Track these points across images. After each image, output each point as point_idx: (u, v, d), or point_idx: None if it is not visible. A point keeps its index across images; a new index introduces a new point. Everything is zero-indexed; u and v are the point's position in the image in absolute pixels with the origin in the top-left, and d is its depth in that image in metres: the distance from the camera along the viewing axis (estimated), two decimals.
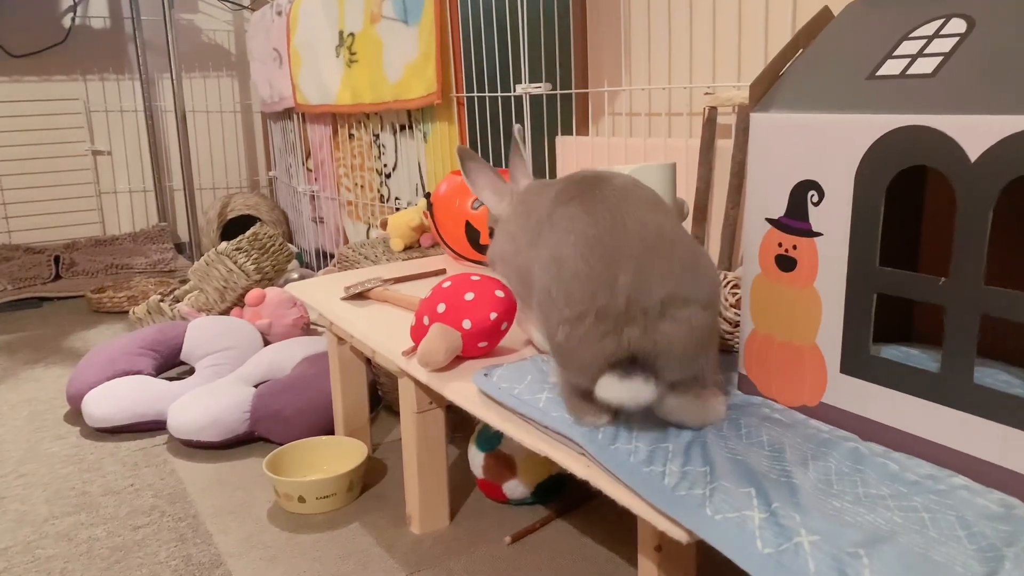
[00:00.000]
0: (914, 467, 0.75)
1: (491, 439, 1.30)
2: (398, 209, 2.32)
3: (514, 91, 1.79)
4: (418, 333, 1.10)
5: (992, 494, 0.69)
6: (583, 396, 0.86)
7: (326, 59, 2.50)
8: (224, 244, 2.24)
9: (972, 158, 0.68)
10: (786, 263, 0.86)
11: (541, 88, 1.75)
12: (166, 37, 3.13)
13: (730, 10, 1.46)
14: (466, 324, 1.06)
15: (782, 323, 0.87)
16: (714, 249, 1.44)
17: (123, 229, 3.53)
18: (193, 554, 1.23)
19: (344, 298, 1.42)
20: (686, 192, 1.46)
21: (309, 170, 2.96)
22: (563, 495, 1.33)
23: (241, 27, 3.66)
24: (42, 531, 1.31)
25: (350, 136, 2.56)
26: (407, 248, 1.88)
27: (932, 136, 0.70)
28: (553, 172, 1.89)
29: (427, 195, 1.71)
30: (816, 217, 0.82)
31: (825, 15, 0.93)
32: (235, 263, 2.18)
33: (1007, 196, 0.67)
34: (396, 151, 2.31)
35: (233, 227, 3.33)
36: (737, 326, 1.04)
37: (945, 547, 0.62)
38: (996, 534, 0.63)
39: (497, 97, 1.88)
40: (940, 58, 0.74)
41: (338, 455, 1.43)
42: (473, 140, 1.97)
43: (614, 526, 1.25)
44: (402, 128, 2.25)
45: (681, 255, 0.84)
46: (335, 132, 2.65)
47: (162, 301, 2.26)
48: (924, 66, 0.75)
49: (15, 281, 2.97)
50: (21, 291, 2.91)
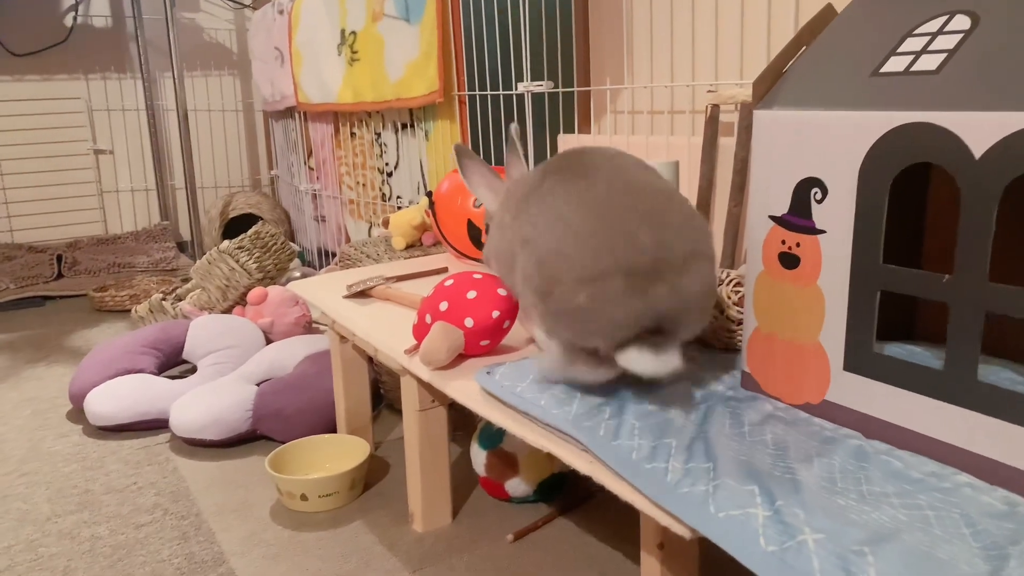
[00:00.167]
0: (918, 465, 0.74)
1: (493, 437, 1.30)
2: (400, 208, 2.32)
3: (516, 89, 1.79)
4: (420, 331, 1.10)
5: (996, 492, 0.69)
6: (588, 354, 0.85)
7: (328, 58, 2.50)
8: (226, 243, 2.24)
9: (976, 155, 0.67)
10: (789, 261, 0.86)
11: (543, 86, 1.75)
12: (168, 36, 3.14)
13: (733, 7, 1.46)
14: (468, 322, 1.05)
15: (785, 321, 0.87)
16: (716, 248, 1.43)
17: (125, 228, 3.53)
18: (195, 552, 1.23)
19: (346, 296, 1.42)
20: (689, 190, 1.46)
21: (311, 169, 2.96)
22: (565, 493, 1.33)
23: (243, 26, 3.66)
24: (45, 529, 1.31)
25: (352, 135, 2.56)
26: (409, 247, 1.88)
27: (936, 133, 0.70)
28: None
29: (429, 194, 1.71)
30: (819, 215, 0.82)
31: (828, 12, 0.93)
32: (237, 262, 2.19)
33: (1011, 193, 0.67)
34: (398, 149, 2.31)
35: (235, 226, 3.34)
36: (740, 324, 1.03)
37: (950, 545, 0.62)
38: (1001, 532, 0.63)
39: (499, 95, 1.88)
40: (944, 55, 0.74)
41: (340, 453, 1.43)
42: (475, 138, 1.97)
43: (616, 524, 1.25)
44: (404, 126, 2.25)
45: (682, 208, 0.86)
46: (337, 131, 2.65)
47: (164, 300, 2.26)
48: (928, 63, 0.75)
49: (17, 280, 2.98)
50: (23, 290, 2.91)
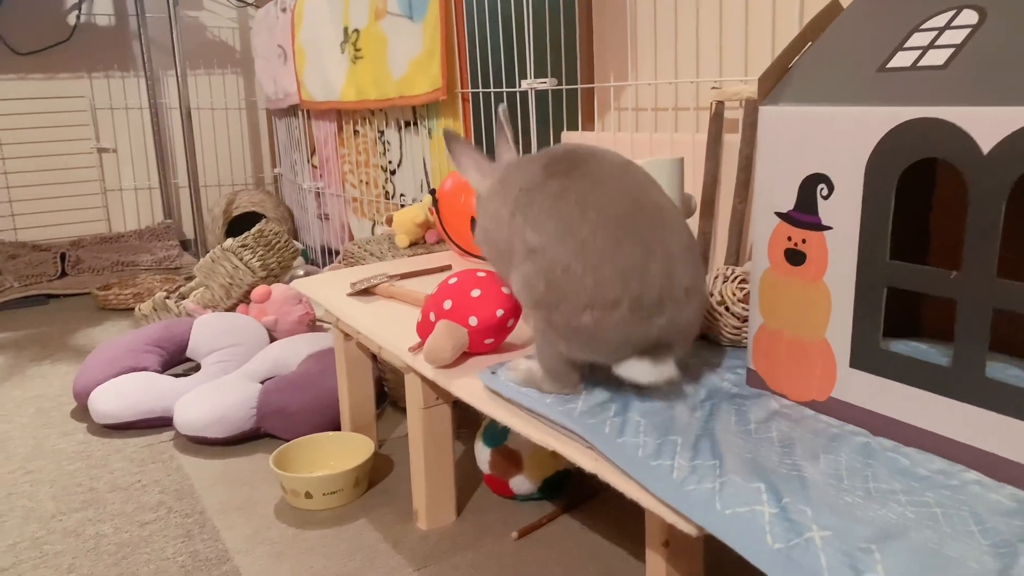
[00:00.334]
0: (925, 462, 0.74)
1: (497, 435, 1.29)
2: (403, 205, 2.32)
3: (519, 86, 1.79)
4: (424, 329, 1.10)
5: (1004, 489, 0.69)
6: (570, 365, 0.91)
7: (331, 56, 2.50)
8: (230, 241, 2.24)
9: (984, 150, 0.67)
10: (795, 257, 0.85)
11: (547, 83, 1.74)
12: (171, 34, 3.14)
13: (737, 3, 1.45)
14: (472, 321, 1.05)
15: (791, 318, 0.87)
16: (721, 244, 1.43)
17: (129, 226, 3.54)
18: (200, 550, 1.23)
19: (350, 294, 1.42)
20: (693, 187, 1.45)
21: (314, 167, 2.96)
22: (570, 490, 1.33)
23: (246, 24, 3.66)
24: (49, 527, 1.31)
25: (355, 133, 2.56)
26: (412, 244, 1.88)
27: (944, 128, 0.70)
28: None
29: (432, 191, 1.71)
30: (826, 211, 0.81)
31: (834, 7, 0.93)
32: (241, 260, 2.19)
33: (1020, 188, 0.67)
34: (401, 147, 2.31)
35: (238, 224, 3.34)
36: (745, 321, 1.03)
37: (958, 542, 0.62)
38: (1009, 529, 0.63)
39: (502, 92, 1.87)
40: (951, 50, 0.73)
41: (344, 451, 1.43)
42: (478, 135, 1.96)
43: (621, 521, 1.24)
44: (407, 124, 2.25)
45: (684, 236, 0.88)
46: (340, 129, 2.65)
47: (168, 298, 2.26)
48: (935, 58, 0.74)
49: (22, 279, 2.98)
50: (28, 288, 2.91)
